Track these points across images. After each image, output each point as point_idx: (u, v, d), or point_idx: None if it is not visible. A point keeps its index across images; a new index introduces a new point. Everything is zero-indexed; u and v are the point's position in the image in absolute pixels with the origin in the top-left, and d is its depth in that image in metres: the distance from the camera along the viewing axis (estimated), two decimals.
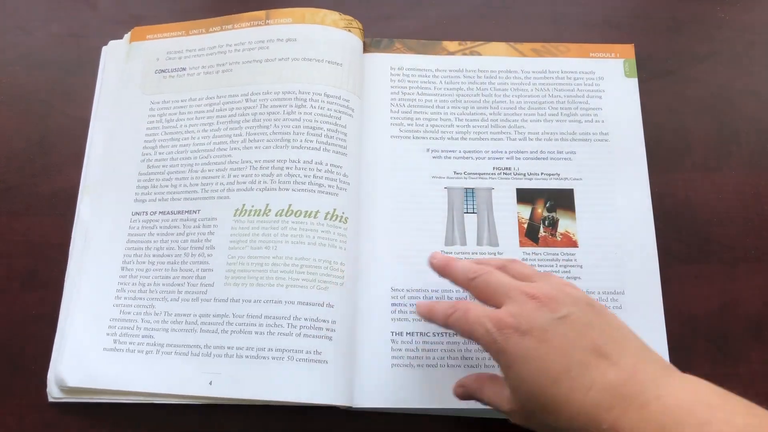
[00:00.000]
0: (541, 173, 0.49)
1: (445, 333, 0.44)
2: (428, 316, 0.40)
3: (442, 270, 0.41)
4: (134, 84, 0.51)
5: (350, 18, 0.51)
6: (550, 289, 0.35)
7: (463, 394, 0.39)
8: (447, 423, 0.43)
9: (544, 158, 0.49)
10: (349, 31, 0.51)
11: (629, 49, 0.53)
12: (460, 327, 0.37)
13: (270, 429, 0.43)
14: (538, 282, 0.37)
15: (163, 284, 0.45)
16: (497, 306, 0.36)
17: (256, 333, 0.42)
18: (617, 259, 0.46)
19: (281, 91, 0.48)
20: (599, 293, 0.45)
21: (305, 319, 0.42)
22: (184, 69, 0.51)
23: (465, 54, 0.52)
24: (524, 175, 0.49)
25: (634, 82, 0.51)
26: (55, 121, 0.51)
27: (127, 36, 0.53)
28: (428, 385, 0.43)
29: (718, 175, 0.50)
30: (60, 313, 0.45)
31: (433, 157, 0.49)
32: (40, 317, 0.45)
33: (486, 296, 0.37)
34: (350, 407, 0.42)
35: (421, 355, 0.43)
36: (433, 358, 0.43)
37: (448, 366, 0.43)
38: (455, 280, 0.40)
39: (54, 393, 0.43)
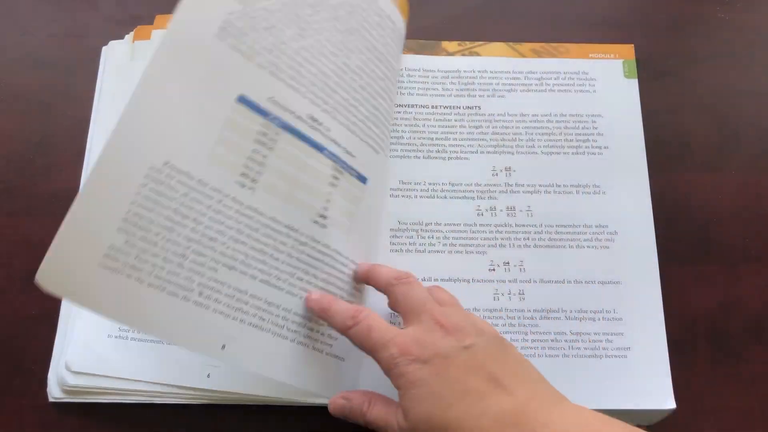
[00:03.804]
0: None
1: None
2: (322, 315, 0.39)
3: (366, 276, 0.41)
4: None
5: None
6: (459, 319, 0.35)
7: (344, 407, 0.38)
8: None
9: None
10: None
11: (629, 49, 0.52)
12: (360, 343, 0.36)
13: (270, 429, 0.43)
14: (450, 308, 0.37)
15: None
16: (405, 321, 0.37)
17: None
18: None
19: None
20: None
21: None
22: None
23: (464, 54, 0.52)
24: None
25: (633, 83, 0.51)
26: (55, 122, 0.51)
27: (129, 36, 0.53)
28: None
29: (718, 175, 0.50)
30: (60, 313, 0.45)
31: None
32: (40, 317, 0.45)
33: (400, 307, 0.38)
34: None
35: None
36: None
37: None
38: (377, 284, 0.40)
39: (54, 393, 0.42)
